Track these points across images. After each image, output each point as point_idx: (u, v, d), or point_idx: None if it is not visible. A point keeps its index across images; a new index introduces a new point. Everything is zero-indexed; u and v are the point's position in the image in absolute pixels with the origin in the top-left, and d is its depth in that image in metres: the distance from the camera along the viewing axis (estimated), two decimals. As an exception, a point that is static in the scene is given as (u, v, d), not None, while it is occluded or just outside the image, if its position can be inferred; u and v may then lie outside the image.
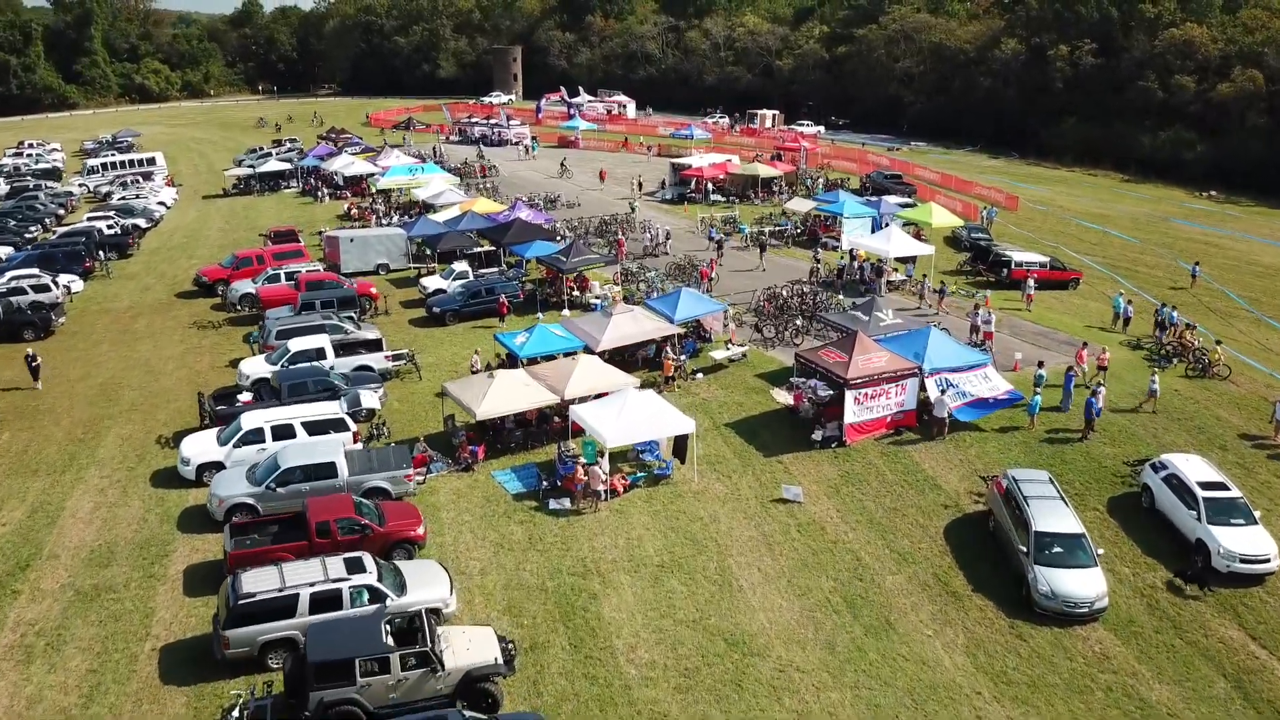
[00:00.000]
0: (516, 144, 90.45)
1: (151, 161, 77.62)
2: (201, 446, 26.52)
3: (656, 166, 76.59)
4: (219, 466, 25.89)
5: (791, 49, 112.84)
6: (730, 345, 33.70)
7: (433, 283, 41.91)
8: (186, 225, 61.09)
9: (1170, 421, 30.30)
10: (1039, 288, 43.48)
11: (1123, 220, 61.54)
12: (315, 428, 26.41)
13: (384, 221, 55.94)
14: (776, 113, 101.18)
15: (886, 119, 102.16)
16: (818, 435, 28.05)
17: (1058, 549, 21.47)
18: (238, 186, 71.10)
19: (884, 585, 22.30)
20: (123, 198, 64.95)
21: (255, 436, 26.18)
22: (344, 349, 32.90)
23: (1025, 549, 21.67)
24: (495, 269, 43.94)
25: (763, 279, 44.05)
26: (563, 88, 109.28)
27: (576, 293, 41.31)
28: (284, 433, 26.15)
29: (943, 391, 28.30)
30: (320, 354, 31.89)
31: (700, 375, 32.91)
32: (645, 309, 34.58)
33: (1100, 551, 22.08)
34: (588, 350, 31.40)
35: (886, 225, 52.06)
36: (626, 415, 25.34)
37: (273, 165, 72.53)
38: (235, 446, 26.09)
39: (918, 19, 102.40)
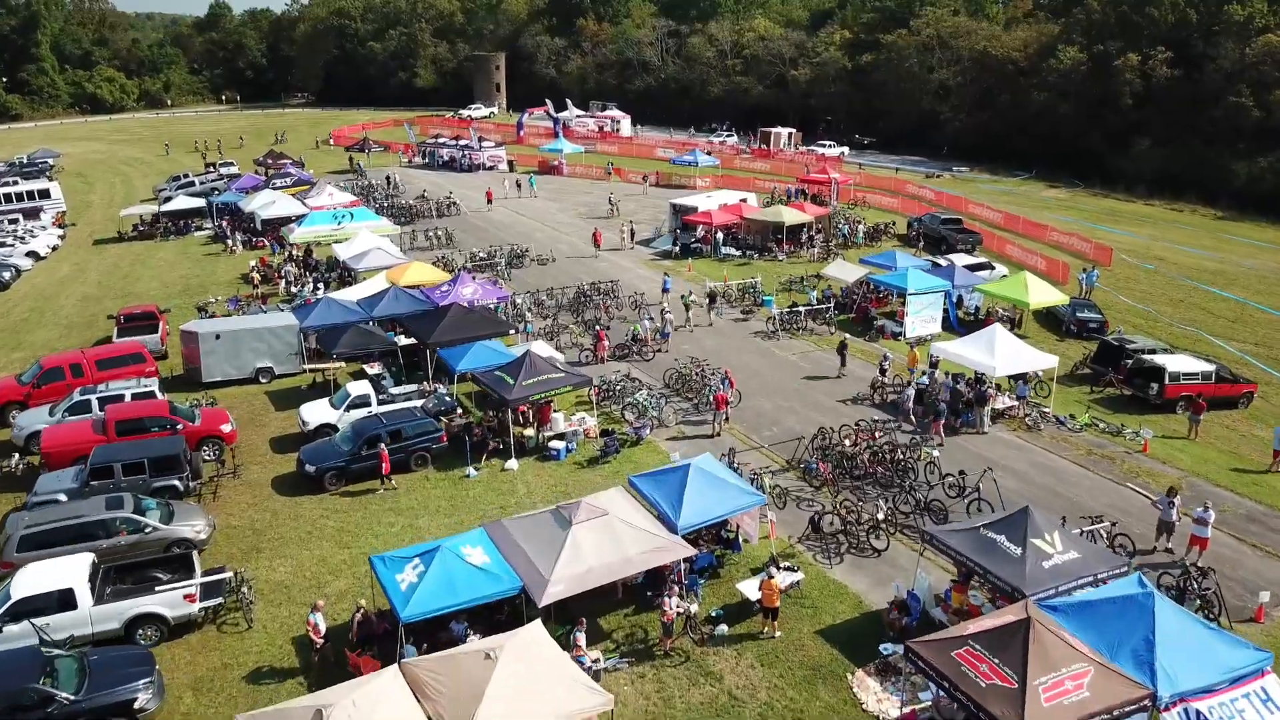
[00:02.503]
0: (491, 168, 77.05)
1: (45, 194, 64.01)
2: None
3: (653, 202, 63.01)
4: None
5: (808, 57, 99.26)
6: (774, 569, 19.92)
7: (317, 413, 28.28)
8: (46, 287, 47.48)
9: None
10: (1188, 406, 30.13)
11: (1251, 280, 47.86)
12: None
13: (295, 290, 42.37)
14: (793, 131, 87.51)
15: (919, 138, 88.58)
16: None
17: None
18: (139, 229, 57.55)
19: None
20: (-21, 246, 51.52)
21: None
22: (118, 579, 19.53)
23: None
24: (414, 387, 30.23)
25: (799, 399, 30.44)
26: (548, 101, 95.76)
27: (529, 431, 27.64)
28: None
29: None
30: (63, 602, 18.40)
31: (724, 630, 19.22)
32: (632, 496, 20.99)
33: None
34: (528, 602, 17.95)
35: (966, 303, 38.64)
36: None
37: (180, 202, 58.92)
38: None
39: (956, 23, 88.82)
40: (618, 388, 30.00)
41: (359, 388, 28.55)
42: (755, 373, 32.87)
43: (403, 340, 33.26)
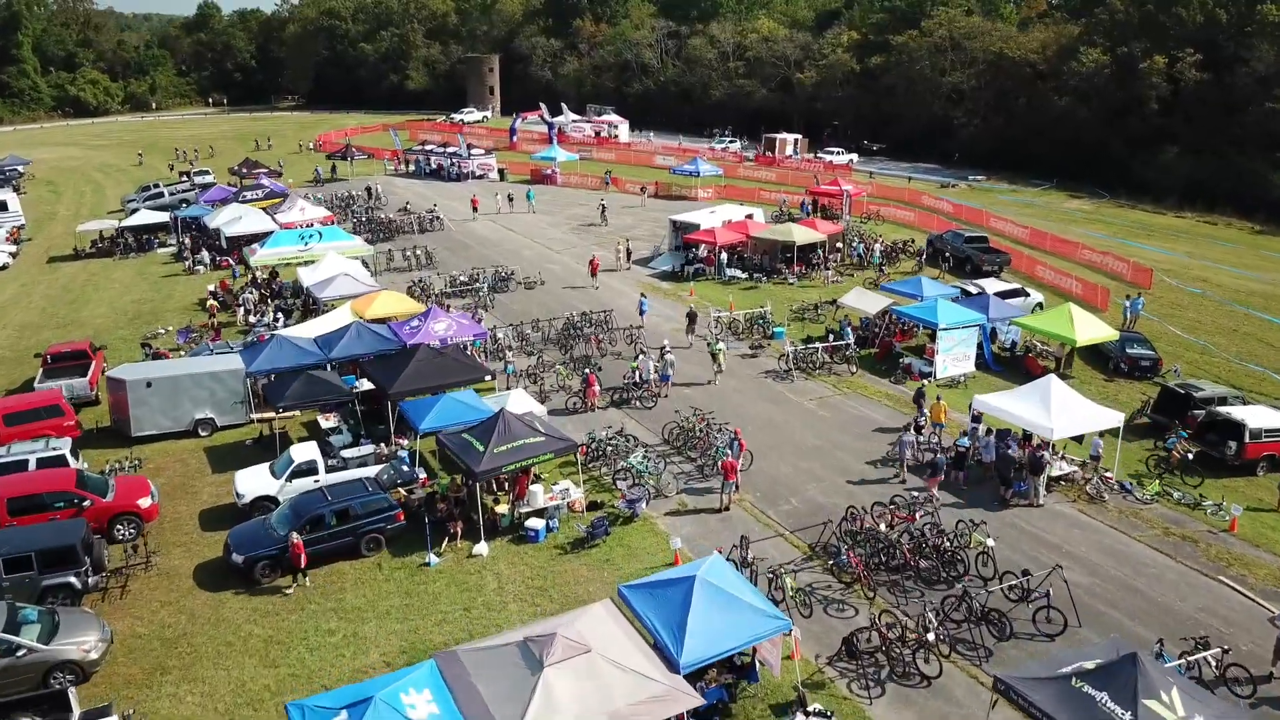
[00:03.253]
0: (481, 176, 72.85)
1: (2, 207, 59.75)
2: None
3: (652, 215, 58.81)
4: None
5: (814, 59, 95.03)
6: (801, 714, 15.70)
7: (254, 483, 24.05)
8: (-14, 313, 43.32)
9: None
10: (1271, 467, 26.07)
11: (1307, 306, 43.69)
12: None
13: (252, 320, 38.18)
14: (799, 137, 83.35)
15: (931, 144, 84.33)
16: None
17: None
18: (98, 245, 53.36)
19: None
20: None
21: None
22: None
23: None
24: (370, 448, 25.97)
25: (821, 459, 26.23)
26: (542, 105, 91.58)
27: (502, 508, 23.40)
28: None
29: None
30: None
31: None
32: (622, 613, 16.77)
33: None
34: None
35: (1002, 337, 34.48)
36: None
37: (142, 217, 54.71)
38: None
39: (969, 23, 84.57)
40: (609, 447, 25.77)
41: (304, 452, 24.30)
42: (768, 423, 28.66)
43: (364, 385, 29.09)
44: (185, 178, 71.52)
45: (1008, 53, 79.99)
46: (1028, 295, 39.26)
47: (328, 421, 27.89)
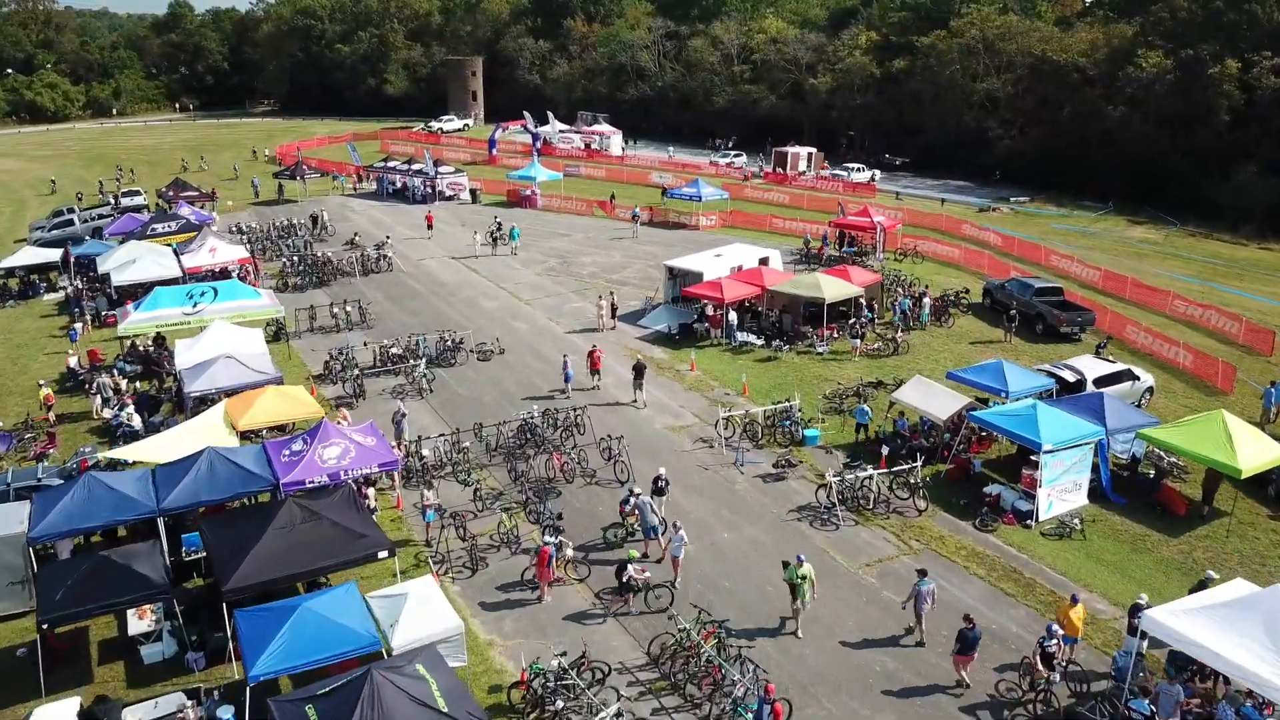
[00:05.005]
0: (451, 197, 63.46)
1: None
2: None
3: (645, 249, 49.29)
4: None
5: (828, 62, 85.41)
6: None
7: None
8: None
9: None
10: None
11: None
12: None
13: (107, 414, 28.66)
14: (813, 151, 73.82)
15: (962, 158, 74.83)
16: None
17: None
18: (-24, 288, 43.96)
19: None
20: None
21: None
22: None
23: None
24: (178, 703, 16.35)
25: (900, 710, 16.72)
26: (526, 114, 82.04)
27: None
28: None
29: None
30: None
31: None
32: None
33: None
34: None
35: (1118, 449, 25.09)
36: None
37: (28, 255, 45.17)
38: None
39: (1005, 22, 74.97)
40: (561, 688, 16.11)
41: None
42: (810, 620, 19.04)
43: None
44: (113, 200, 62.04)
45: (1051, 55, 70.42)
46: (1136, 378, 29.69)
47: (141, 620, 18.38)
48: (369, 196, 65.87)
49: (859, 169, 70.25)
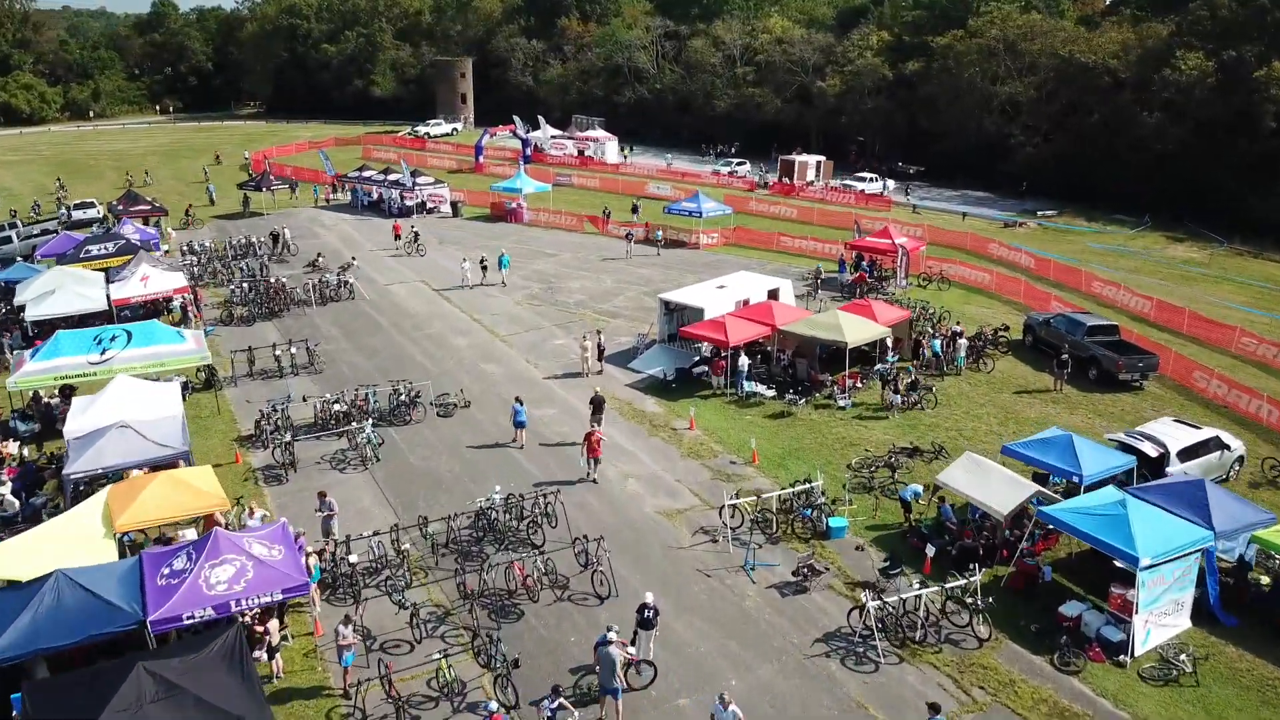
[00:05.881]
0: (432, 209, 58.47)
1: None
2: None
3: (639, 274, 44.24)
4: None
5: (837, 65, 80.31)
6: None
7: None
8: None
9: None
10: None
11: None
12: None
13: (-18, 491, 23.61)
14: (822, 159, 68.80)
15: (981, 167, 69.74)
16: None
17: None
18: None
19: None
20: None
21: None
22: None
23: None
24: None
25: None
26: (516, 119, 77.00)
27: None
28: None
29: None
30: None
31: None
32: None
33: None
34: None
35: (1228, 552, 19.96)
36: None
37: (-55, 282, 40.17)
38: None
39: (1028, 22, 69.91)
40: None
41: None
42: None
43: None
44: (66, 213, 56.96)
45: (1078, 56, 65.32)
46: (1226, 447, 24.61)
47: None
48: (343, 209, 60.80)
49: (871, 179, 65.20)
